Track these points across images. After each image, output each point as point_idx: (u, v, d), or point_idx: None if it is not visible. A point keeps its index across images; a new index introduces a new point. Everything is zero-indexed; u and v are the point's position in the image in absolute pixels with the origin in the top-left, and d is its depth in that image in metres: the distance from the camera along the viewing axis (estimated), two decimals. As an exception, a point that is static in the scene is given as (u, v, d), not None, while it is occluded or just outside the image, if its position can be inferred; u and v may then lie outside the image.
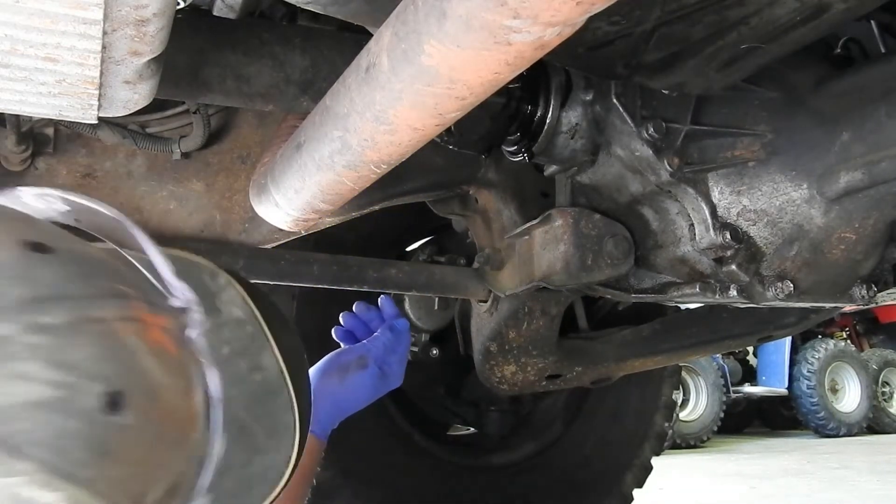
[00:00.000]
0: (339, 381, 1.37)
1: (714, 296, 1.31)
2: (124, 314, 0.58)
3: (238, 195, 1.55)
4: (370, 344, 1.44)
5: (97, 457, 0.52)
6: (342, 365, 1.39)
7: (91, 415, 0.52)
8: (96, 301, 0.56)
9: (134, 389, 0.56)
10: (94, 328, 0.55)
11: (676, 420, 7.93)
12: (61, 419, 0.51)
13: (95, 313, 0.56)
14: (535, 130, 1.26)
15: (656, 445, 2.54)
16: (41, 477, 0.50)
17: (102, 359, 0.55)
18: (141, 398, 0.56)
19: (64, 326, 0.53)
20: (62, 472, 0.51)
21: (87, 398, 0.53)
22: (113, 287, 0.59)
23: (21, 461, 0.49)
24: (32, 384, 0.51)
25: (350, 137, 0.85)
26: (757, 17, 1.00)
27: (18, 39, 0.74)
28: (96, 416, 0.53)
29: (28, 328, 0.52)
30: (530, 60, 0.62)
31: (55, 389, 0.51)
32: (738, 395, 9.44)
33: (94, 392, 0.53)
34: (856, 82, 1.25)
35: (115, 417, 0.54)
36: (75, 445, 0.51)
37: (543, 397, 2.42)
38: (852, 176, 1.20)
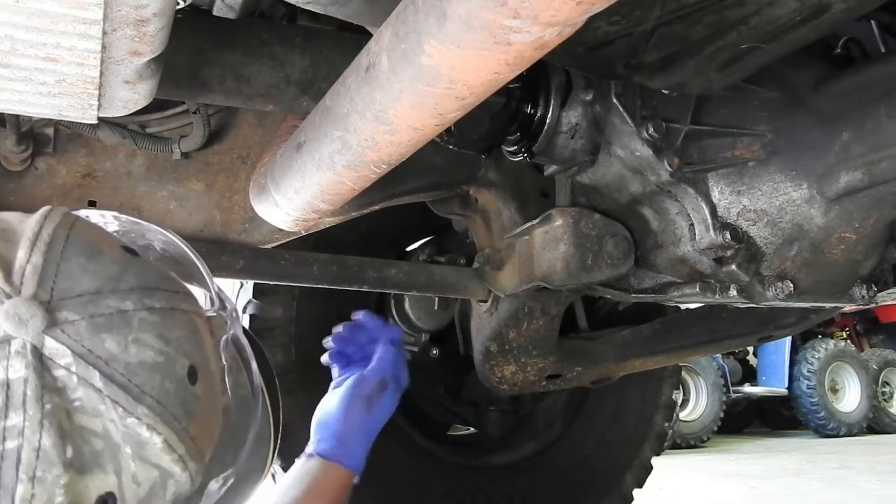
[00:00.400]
0: (366, 412, 1.39)
1: (714, 296, 1.30)
2: (196, 310, 0.74)
3: (238, 195, 1.55)
4: (381, 364, 1.45)
5: (185, 414, 0.67)
6: (365, 396, 1.40)
7: (181, 381, 0.67)
8: (180, 296, 0.72)
9: (202, 368, 0.70)
10: (182, 316, 0.70)
11: (676, 420, 7.93)
12: (163, 379, 0.66)
13: (181, 305, 0.71)
14: (535, 130, 1.26)
15: (656, 445, 2.54)
16: (150, 421, 0.64)
17: (188, 339, 0.70)
18: (204, 376, 0.71)
19: (165, 310, 0.68)
20: (164, 419, 0.65)
21: (179, 367, 0.67)
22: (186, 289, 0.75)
23: (139, 406, 0.64)
24: (146, 349, 0.65)
25: (350, 137, 0.85)
26: (757, 17, 1.00)
27: (18, 39, 0.74)
28: (184, 383, 0.68)
29: (142, 306, 0.66)
30: (530, 60, 0.62)
31: (159, 355, 0.66)
32: (738, 395, 9.44)
33: (182, 364, 0.68)
34: (856, 82, 1.25)
35: (193, 387, 0.68)
36: (172, 401, 0.66)
37: (543, 397, 2.42)
38: (852, 176, 1.19)
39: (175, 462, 0.66)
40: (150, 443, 0.64)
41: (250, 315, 2.00)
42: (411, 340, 2.19)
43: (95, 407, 0.62)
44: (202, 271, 0.83)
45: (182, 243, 0.84)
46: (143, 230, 0.83)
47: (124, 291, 0.66)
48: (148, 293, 0.68)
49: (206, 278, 0.83)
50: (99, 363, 0.63)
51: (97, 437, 0.62)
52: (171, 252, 0.84)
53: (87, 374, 0.62)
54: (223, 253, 1.52)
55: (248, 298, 2.01)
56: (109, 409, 0.63)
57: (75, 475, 0.61)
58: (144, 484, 0.64)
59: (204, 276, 0.83)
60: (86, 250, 0.67)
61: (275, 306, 2.01)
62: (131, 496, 0.64)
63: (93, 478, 0.62)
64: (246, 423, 0.82)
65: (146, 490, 0.65)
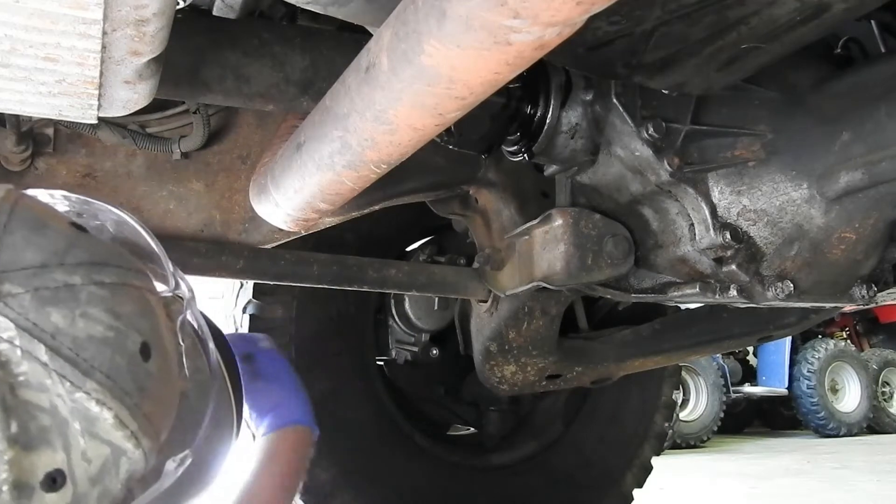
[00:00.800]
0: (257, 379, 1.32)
1: (714, 296, 1.30)
2: (149, 287, 0.72)
3: (238, 195, 1.55)
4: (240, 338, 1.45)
5: (137, 390, 0.65)
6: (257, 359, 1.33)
7: (133, 356, 0.66)
8: (131, 272, 0.70)
9: (155, 345, 0.69)
10: (134, 292, 0.69)
11: (676, 420, 7.92)
12: (114, 354, 0.64)
13: (133, 281, 0.69)
14: (535, 130, 1.26)
15: (656, 445, 2.54)
16: (99, 396, 0.62)
17: (139, 315, 0.68)
18: (158, 355, 0.69)
19: (115, 285, 0.67)
20: (114, 394, 0.63)
21: (130, 343, 0.66)
22: (138, 265, 0.73)
23: (88, 380, 0.62)
24: (95, 323, 0.64)
25: (350, 137, 0.85)
26: (757, 17, 1.00)
27: (18, 39, 0.74)
28: (136, 359, 0.66)
29: (90, 280, 0.65)
30: (530, 60, 0.62)
31: (109, 330, 0.65)
32: (738, 395, 9.43)
33: (134, 339, 0.67)
34: (856, 82, 1.25)
35: (146, 364, 0.67)
36: (123, 377, 0.64)
37: (543, 397, 2.42)
38: (852, 176, 1.19)
39: (127, 438, 0.64)
40: (100, 418, 0.63)
41: (250, 315, 2.00)
42: (411, 340, 2.19)
43: (41, 381, 0.61)
44: (157, 252, 0.82)
45: (137, 223, 0.82)
46: (95, 210, 0.81)
47: (72, 266, 0.65)
48: (97, 268, 0.66)
49: (161, 259, 0.81)
50: (44, 337, 0.61)
51: (44, 413, 0.61)
52: (124, 232, 0.82)
53: (31, 348, 0.60)
54: (223, 253, 1.52)
55: (248, 298, 2.01)
56: (56, 384, 0.61)
57: (20, 451, 0.59)
58: (95, 461, 0.63)
59: (159, 257, 0.81)
60: (31, 224, 0.66)
61: (275, 306, 2.01)
62: (81, 473, 0.62)
63: (39, 454, 0.60)
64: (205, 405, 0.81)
65: (97, 467, 0.63)
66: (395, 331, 2.21)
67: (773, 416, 10.44)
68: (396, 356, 2.20)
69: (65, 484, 0.61)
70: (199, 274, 1.51)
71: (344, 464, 2.05)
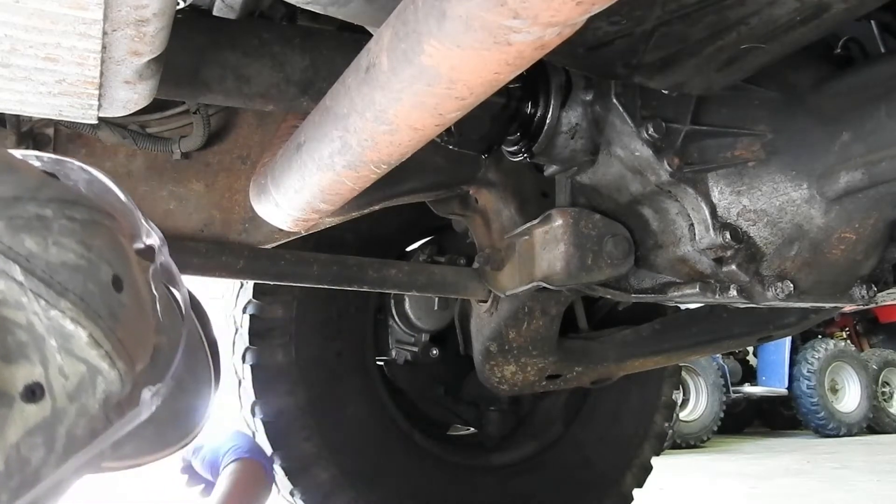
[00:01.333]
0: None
1: (714, 296, 1.30)
2: (119, 228, 0.74)
3: (238, 195, 1.55)
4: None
5: (110, 315, 0.68)
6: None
7: (105, 285, 0.68)
8: (102, 213, 0.72)
9: (126, 279, 0.71)
10: (104, 230, 0.71)
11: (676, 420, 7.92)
12: (86, 280, 0.66)
13: (104, 221, 0.71)
14: (535, 130, 1.26)
15: (656, 445, 2.54)
16: (73, 314, 0.64)
17: (110, 249, 0.70)
18: (130, 289, 0.71)
19: (85, 221, 0.69)
20: (89, 314, 0.65)
21: (102, 273, 0.68)
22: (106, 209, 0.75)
23: (63, 299, 0.64)
24: (67, 251, 0.66)
25: (350, 137, 0.85)
26: (757, 17, 1.00)
27: (18, 39, 0.74)
28: (108, 288, 0.68)
29: (62, 215, 0.67)
30: (530, 60, 0.62)
31: (80, 259, 0.67)
32: (738, 395, 9.43)
33: (106, 270, 0.69)
34: (856, 82, 1.25)
35: (119, 294, 0.69)
36: (96, 301, 0.67)
37: (543, 397, 2.42)
38: (852, 176, 1.19)
39: (102, 358, 0.66)
40: (75, 336, 0.65)
41: (250, 315, 2.00)
42: (411, 340, 2.19)
43: (17, 299, 0.63)
44: (129, 207, 0.83)
45: (108, 180, 0.84)
46: (67, 168, 0.82)
47: (43, 200, 0.67)
48: (68, 205, 0.68)
49: (133, 214, 0.83)
50: (19, 259, 0.63)
51: (21, 329, 0.63)
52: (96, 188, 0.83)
53: (7, 268, 0.62)
54: (223, 253, 1.52)
55: (248, 298, 2.01)
56: (32, 302, 0.63)
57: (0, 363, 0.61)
58: (72, 378, 0.65)
59: (132, 212, 0.83)
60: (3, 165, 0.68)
61: (275, 306, 2.01)
62: (59, 388, 0.64)
63: (18, 367, 0.62)
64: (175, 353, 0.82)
65: (74, 384, 0.65)
66: (395, 331, 2.21)
67: (773, 416, 10.44)
68: (396, 356, 2.21)
69: (43, 397, 0.63)
70: (199, 274, 1.51)
71: (344, 464, 2.05)
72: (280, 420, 2.00)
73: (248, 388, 2.01)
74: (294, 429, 2.02)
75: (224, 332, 2.13)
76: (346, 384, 2.08)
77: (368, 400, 2.13)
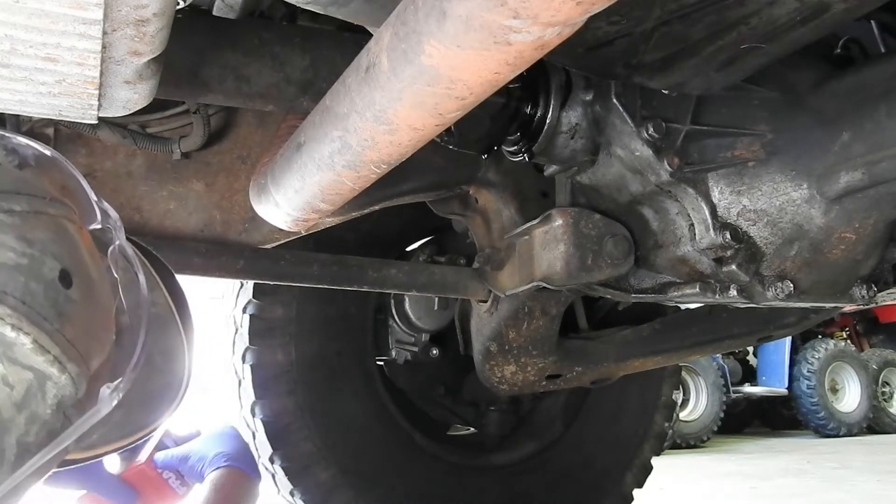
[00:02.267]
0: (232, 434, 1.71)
1: (714, 296, 1.30)
2: (67, 215, 0.71)
3: (238, 195, 1.55)
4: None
5: (56, 315, 0.64)
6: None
7: (50, 283, 0.64)
8: (45, 201, 0.68)
9: (76, 272, 0.67)
10: (49, 220, 0.67)
11: (676, 420, 7.92)
12: (28, 280, 0.63)
13: (48, 210, 0.68)
14: (535, 130, 1.26)
15: (656, 445, 2.54)
16: (14, 321, 0.61)
17: (57, 241, 0.67)
18: (80, 280, 0.68)
19: (26, 213, 0.65)
20: (31, 319, 0.62)
21: (47, 269, 0.65)
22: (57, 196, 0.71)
23: (1, 305, 0.60)
24: (4, 250, 0.62)
25: (350, 137, 0.85)
26: (757, 17, 1.00)
27: (18, 39, 0.74)
28: (54, 285, 0.65)
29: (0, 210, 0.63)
30: (530, 60, 0.62)
31: (21, 257, 0.63)
32: (738, 395, 9.42)
33: (51, 266, 0.65)
34: (856, 82, 1.25)
35: (67, 291, 0.66)
36: (39, 302, 0.63)
37: (543, 397, 2.42)
38: (852, 176, 1.19)
39: (50, 363, 0.63)
40: (17, 343, 0.61)
41: (250, 315, 2.00)
42: (411, 340, 2.19)
43: None
44: (81, 184, 0.79)
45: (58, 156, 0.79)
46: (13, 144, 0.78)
47: None
48: (6, 196, 0.65)
49: (85, 191, 0.79)
50: None
51: None
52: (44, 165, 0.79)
53: None
54: (223, 253, 1.52)
55: (248, 298, 2.01)
56: None
57: None
58: (18, 386, 0.62)
59: (84, 189, 0.79)
60: None
61: (275, 306, 2.01)
62: (4, 399, 0.61)
63: None
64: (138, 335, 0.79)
65: (21, 393, 0.62)
66: (395, 331, 2.21)
67: (773, 416, 10.44)
68: (396, 356, 2.21)
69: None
70: (199, 274, 1.51)
71: (344, 463, 2.05)
72: (280, 420, 2.00)
73: (248, 388, 2.01)
74: (294, 429, 2.02)
75: (224, 332, 2.13)
76: (346, 384, 2.08)
77: (368, 400, 2.13)
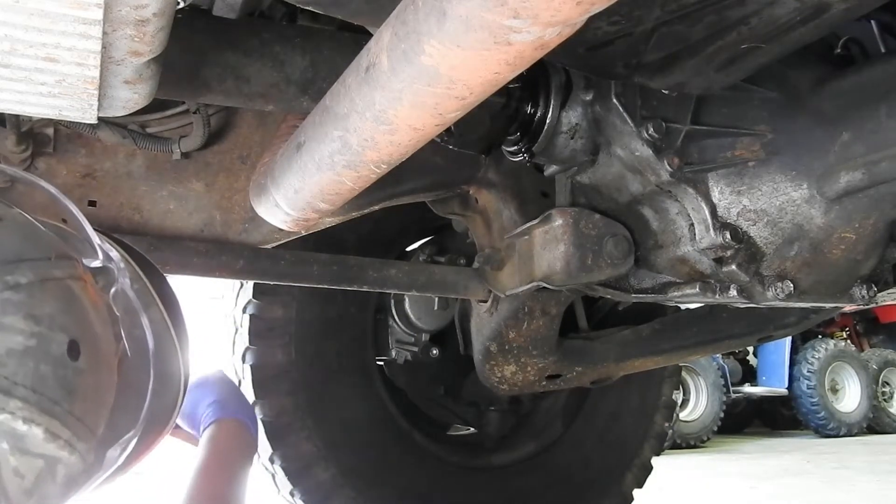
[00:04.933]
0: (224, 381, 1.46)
1: (714, 296, 1.30)
2: (72, 273, 0.67)
3: (238, 195, 1.54)
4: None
5: (66, 395, 0.62)
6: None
7: (59, 359, 0.62)
8: (51, 262, 0.65)
9: (84, 339, 0.65)
10: (55, 286, 0.64)
11: (676, 420, 7.92)
12: (37, 363, 0.60)
13: (54, 272, 0.65)
14: (535, 130, 1.26)
15: (656, 445, 2.54)
16: (26, 413, 0.59)
17: (64, 312, 0.64)
18: (88, 346, 0.65)
19: (32, 285, 0.62)
20: (42, 408, 0.60)
21: (55, 346, 0.62)
22: (60, 249, 0.68)
23: (11, 399, 0.58)
24: (12, 334, 0.59)
25: (350, 137, 0.85)
26: (757, 17, 1.00)
27: (18, 39, 0.74)
28: (63, 361, 0.62)
29: (4, 286, 0.60)
30: (530, 60, 0.62)
31: (29, 339, 0.60)
32: (738, 395, 9.42)
33: (59, 341, 0.62)
34: (856, 82, 1.25)
35: (75, 363, 0.63)
36: (50, 386, 0.61)
37: (543, 397, 2.42)
38: (852, 176, 1.20)
39: (61, 448, 0.62)
40: (28, 435, 0.59)
41: (250, 315, 2.00)
42: (411, 340, 2.19)
43: None
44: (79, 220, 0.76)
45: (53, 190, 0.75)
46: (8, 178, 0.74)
47: None
48: (10, 268, 0.61)
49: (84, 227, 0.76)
50: None
51: None
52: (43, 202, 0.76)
53: None
54: (223, 253, 1.52)
55: (248, 298, 2.01)
56: None
57: None
58: (29, 475, 0.60)
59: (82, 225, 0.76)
60: None
61: (275, 306, 2.01)
62: (15, 489, 0.59)
63: None
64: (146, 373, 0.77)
65: (32, 480, 0.60)
66: (395, 331, 2.21)
67: (773, 416, 10.44)
68: (396, 356, 2.21)
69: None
70: (199, 274, 1.51)
71: (344, 463, 2.05)
72: (280, 420, 2.00)
73: (248, 388, 2.01)
74: (294, 429, 2.02)
75: (224, 332, 2.13)
76: (345, 384, 2.08)
77: (368, 400, 2.13)
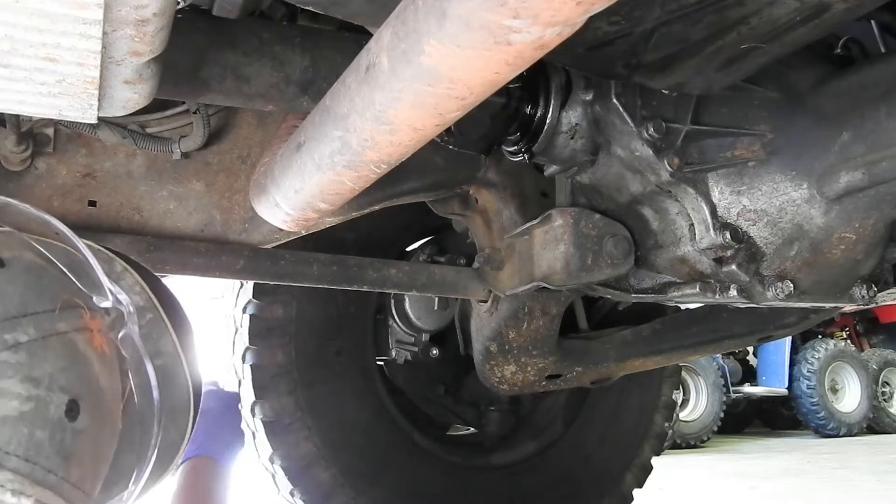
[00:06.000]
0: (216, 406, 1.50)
1: (714, 296, 1.30)
2: (77, 325, 0.63)
3: (238, 195, 1.54)
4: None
5: (62, 460, 0.58)
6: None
7: (57, 423, 0.58)
8: (56, 314, 0.61)
9: (86, 396, 0.61)
10: (58, 342, 0.60)
11: (676, 420, 7.93)
12: (32, 429, 0.56)
13: (58, 327, 0.61)
14: (535, 130, 1.26)
15: (656, 445, 2.54)
16: (16, 485, 0.55)
17: (65, 370, 0.60)
18: (89, 403, 0.62)
19: (33, 343, 0.58)
20: (34, 479, 0.56)
21: (53, 408, 0.58)
22: (65, 298, 0.64)
23: (2, 471, 0.54)
24: (7, 399, 0.55)
25: (350, 137, 0.85)
26: (757, 17, 1.00)
27: (18, 39, 0.74)
28: (60, 424, 0.58)
29: (3, 346, 0.56)
30: (530, 60, 0.62)
31: (25, 403, 0.56)
32: (738, 395, 9.44)
33: (58, 402, 0.58)
34: (856, 82, 1.25)
35: (74, 423, 0.59)
36: (45, 452, 0.57)
37: (543, 397, 2.42)
38: (852, 176, 1.20)
39: None
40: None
41: (250, 315, 2.00)
42: (411, 340, 2.19)
43: None
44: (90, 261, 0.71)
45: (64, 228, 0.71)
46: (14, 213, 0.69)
47: None
48: (10, 326, 0.57)
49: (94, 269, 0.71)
50: None
51: None
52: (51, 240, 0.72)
53: None
54: (223, 253, 1.52)
55: (248, 298, 2.01)
56: None
57: None
58: None
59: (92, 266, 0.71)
60: None
61: (275, 306, 2.01)
62: None
63: None
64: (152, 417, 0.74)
65: None
66: (395, 331, 2.21)
67: (773, 416, 10.46)
68: (396, 356, 2.21)
69: None
70: (199, 274, 1.51)
71: (344, 463, 2.05)
72: (280, 420, 2.00)
73: (248, 388, 2.01)
74: (294, 429, 2.02)
75: (224, 332, 2.13)
76: (345, 384, 2.08)
77: (368, 400, 2.13)
